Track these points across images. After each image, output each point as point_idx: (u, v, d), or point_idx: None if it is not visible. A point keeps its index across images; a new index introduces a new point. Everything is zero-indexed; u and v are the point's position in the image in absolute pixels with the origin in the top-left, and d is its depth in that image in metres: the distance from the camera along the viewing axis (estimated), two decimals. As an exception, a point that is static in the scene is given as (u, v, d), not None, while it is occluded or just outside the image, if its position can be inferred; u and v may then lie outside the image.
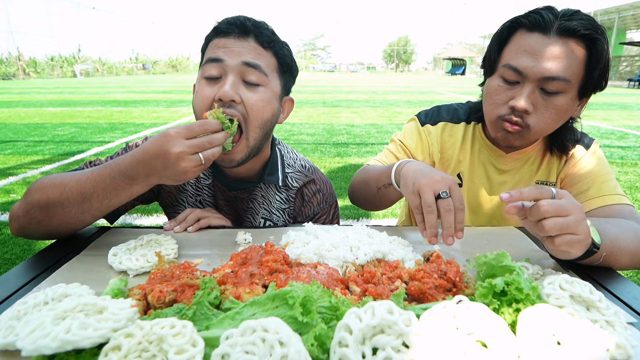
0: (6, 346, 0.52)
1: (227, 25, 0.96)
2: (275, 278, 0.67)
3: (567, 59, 0.93)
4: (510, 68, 0.97)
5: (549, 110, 0.98)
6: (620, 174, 4.42)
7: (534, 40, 0.95)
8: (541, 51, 0.94)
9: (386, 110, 10.38)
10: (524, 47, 0.96)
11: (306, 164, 1.21)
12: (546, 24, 0.94)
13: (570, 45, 0.93)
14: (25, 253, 2.56)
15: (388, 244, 0.82)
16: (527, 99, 0.96)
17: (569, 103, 0.98)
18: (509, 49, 1.00)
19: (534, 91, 0.97)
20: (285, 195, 1.17)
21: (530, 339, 0.49)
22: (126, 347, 0.46)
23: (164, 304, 0.62)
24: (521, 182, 1.19)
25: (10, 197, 3.58)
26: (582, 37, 0.93)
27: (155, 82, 26.55)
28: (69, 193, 0.81)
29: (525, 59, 0.95)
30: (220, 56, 0.94)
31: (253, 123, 0.97)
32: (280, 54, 1.02)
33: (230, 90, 0.92)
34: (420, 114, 1.28)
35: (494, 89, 1.03)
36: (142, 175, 0.79)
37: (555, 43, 0.93)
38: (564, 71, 0.93)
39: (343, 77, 39.43)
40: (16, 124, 7.84)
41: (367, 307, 0.49)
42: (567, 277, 0.63)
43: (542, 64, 0.94)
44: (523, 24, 0.98)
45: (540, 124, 0.99)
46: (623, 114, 9.90)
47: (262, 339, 0.46)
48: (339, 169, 4.56)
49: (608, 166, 1.12)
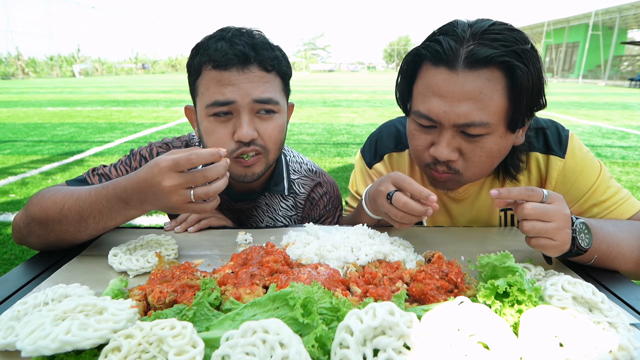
0: (6, 346, 0.52)
1: (225, 57, 0.89)
2: (275, 279, 0.67)
3: (482, 97, 0.78)
4: (421, 116, 0.85)
5: (476, 154, 0.84)
6: (621, 173, 4.41)
7: (440, 78, 0.80)
8: (449, 92, 0.79)
9: (386, 110, 10.37)
10: (431, 88, 0.82)
11: (312, 167, 1.21)
12: (448, 56, 0.78)
13: (484, 77, 0.77)
14: (24, 254, 2.56)
15: (389, 244, 0.82)
16: (448, 147, 0.83)
17: (498, 142, 0.84)
18: (417, 90, 0.87)
19: (454, 136, 0.83)
20: (292, 202, 1.16)
21: (533, 341, 0.49)
22: (126, 348, 0.46)
23: (164, 304, 0.61)
24: (483, 208, 1.07)
25: (10, 197, 3.58)
26: (496, 64, 0.77)
27: (155, 81, 26.54)
28: (67, 212, 0.81)
29: (435, 103, 0.81)
30: (230, 98, 0.90)
31: (272, 150, 0.98)
32: (282, 72, 0.98)
33: (249, 131, 0.91)
34: (364, 150, 1.17)
35: (412, 134, 0.91)
36: (136, 201, 0.77)
37: (464, 79, 0.78)
38: (481, 114, 0.79)
39: (343, 77, 39.41)
40: (15, 123, 7.83)
41: (368, 308, 0.49)
42: (569, 279, 0.63)
43: (453, 108, 0.79)
44: (425, 56, 0.83)
45: (472, 169, 0.87)
46: (624, 113, 9.89)
47: (262, 340, 0.45)
48: (339, 169, 4.56)
49: (594, 161, 0.97)
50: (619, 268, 0.82)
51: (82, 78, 36.85)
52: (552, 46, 37.41)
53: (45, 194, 0.86)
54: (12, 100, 12.98)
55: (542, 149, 0.99)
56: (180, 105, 11.06)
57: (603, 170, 0.98)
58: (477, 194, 1.07)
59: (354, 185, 1.21)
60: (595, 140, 6.37)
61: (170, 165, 0.72)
